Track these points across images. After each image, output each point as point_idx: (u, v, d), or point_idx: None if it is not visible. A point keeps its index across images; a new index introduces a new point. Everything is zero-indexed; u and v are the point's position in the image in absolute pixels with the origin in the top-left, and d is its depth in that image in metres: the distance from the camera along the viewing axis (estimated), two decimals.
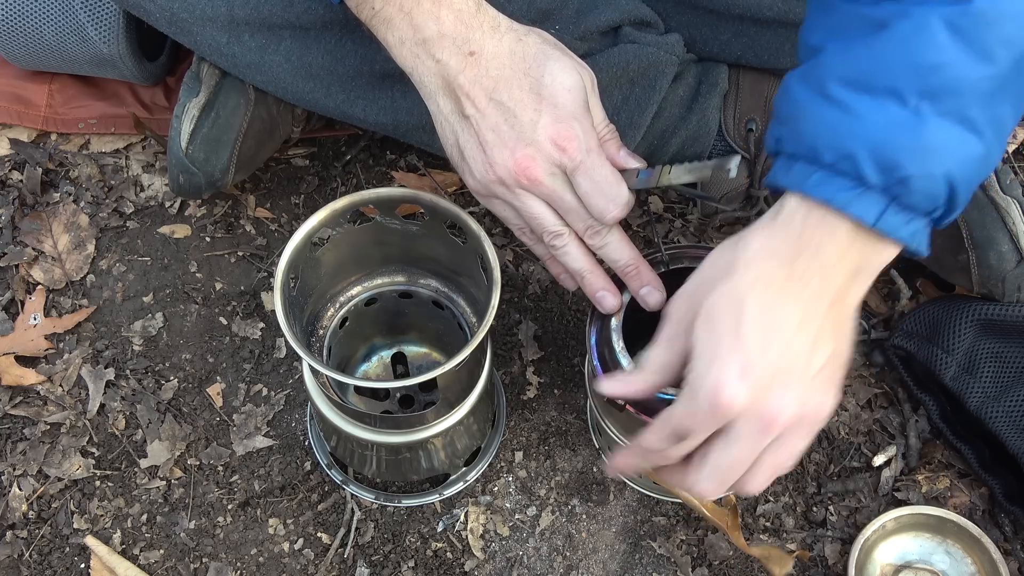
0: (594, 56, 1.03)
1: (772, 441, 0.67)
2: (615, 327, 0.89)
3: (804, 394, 0.66)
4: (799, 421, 0.67)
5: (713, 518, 0.95)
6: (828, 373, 0.68)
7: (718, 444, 0.68)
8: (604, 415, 0.95)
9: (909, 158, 0.62)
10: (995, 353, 1.00)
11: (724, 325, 0.66)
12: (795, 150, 0.66)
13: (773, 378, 0.65)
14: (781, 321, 0.66)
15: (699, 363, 0.67)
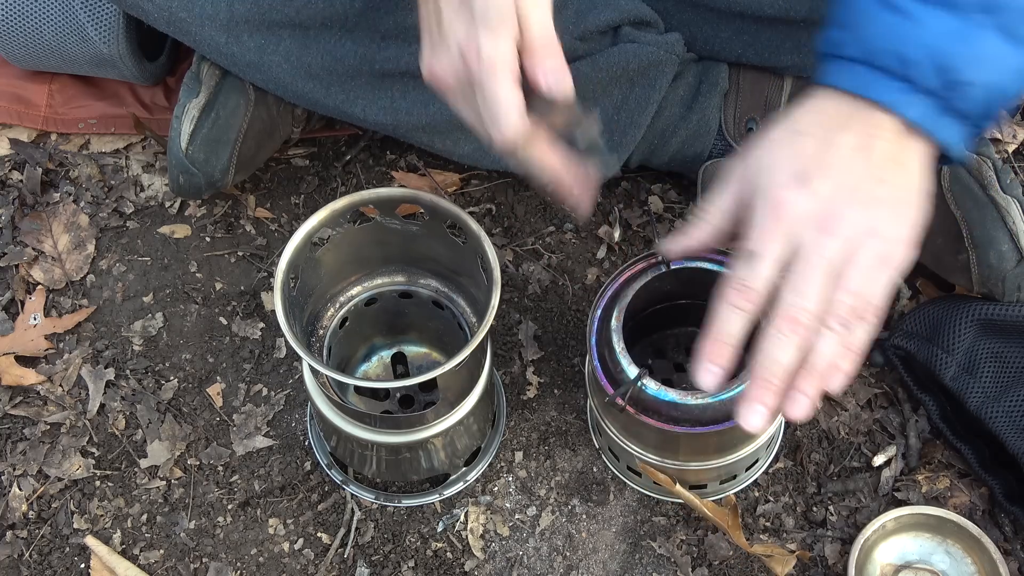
0: (594, 56, 1.04)
1: (846, 261, 0.66)
2: (615, 327, 0.89)
3: (870, 210, 0.67)
4: (868, 236, 0.67)
5: (714, 517, 0.95)
6: (900, 208, 0.68)
7: (789, 268, 0.67)
8: (604, 415, 0.96)
9: (963, 65, 0.67)
10: (995, 353, 0.99)
11: (782, 149, 0.69)
12: (855, 53, 0.69)
13: (834, 189, 0.67)
14: (839, 143, 0.68)
15: (762, 180, 0.69)
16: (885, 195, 0.68)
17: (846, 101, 0.69)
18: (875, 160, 0.68)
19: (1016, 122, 1.19)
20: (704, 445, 0.92)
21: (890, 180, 0.68)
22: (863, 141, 0.68)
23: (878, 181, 0.68)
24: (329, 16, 0.98)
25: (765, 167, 0.69)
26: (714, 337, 0.69)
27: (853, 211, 0.67)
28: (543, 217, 1.16)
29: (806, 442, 1.02)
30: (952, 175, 0.99)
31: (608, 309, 0.91)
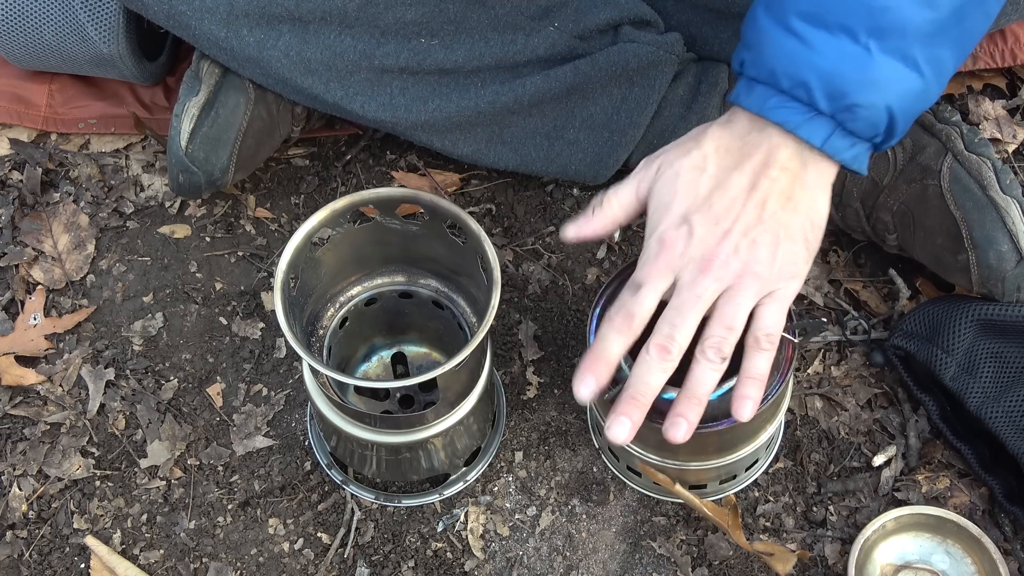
0: (594, 55, 1.04)
1: (724, 292, 0.73)
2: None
3: (749, 252, 0.72)
4: (744, 275, 0.73)
5: (713, 517, 0.95)
6: (783, 246, 0.73)
7: (670, 301, 0.74)
8: (604, 415, 0.95)
9: (855, 89, 0.70)
10: (995, 353, 0.99)
11: (681, 187, 0.74)
12: (757, 74, 0.73)
13: (716, 227, 0.73)
14: (731, 185, 0.73)
15: (654, 215, 0.75)
16: (764, 235, 0.73)
17: (751, 121, 0.74)
18: (760, 200, 0.73)
19: (1016, 122, 1.19)
20: (703, 445, 0.92)
21: (773, 219, 0.73)
22: (754, 180, 0.73)
23: (758, 222, 0.73)
24: (328, 11, 0.99)
25: (664, 204, 0.75)
26: (596, 355, 0.76)
27: (730, 254, 0.73)
28: (543, 217, 1.16)
29: (806, 442, 1.02)
30: (952, 175, 0.99)
31: (607, 309, 0.91)
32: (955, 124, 1.01)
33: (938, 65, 0.72)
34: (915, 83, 0.72)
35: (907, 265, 1.09)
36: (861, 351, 1.06)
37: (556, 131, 1.07)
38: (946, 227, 0.99)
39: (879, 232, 1.05)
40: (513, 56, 1.03)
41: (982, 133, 1.05)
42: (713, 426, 0.87)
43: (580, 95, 1.05)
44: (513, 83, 1.04)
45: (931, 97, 0.74)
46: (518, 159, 1.09)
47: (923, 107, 0.74)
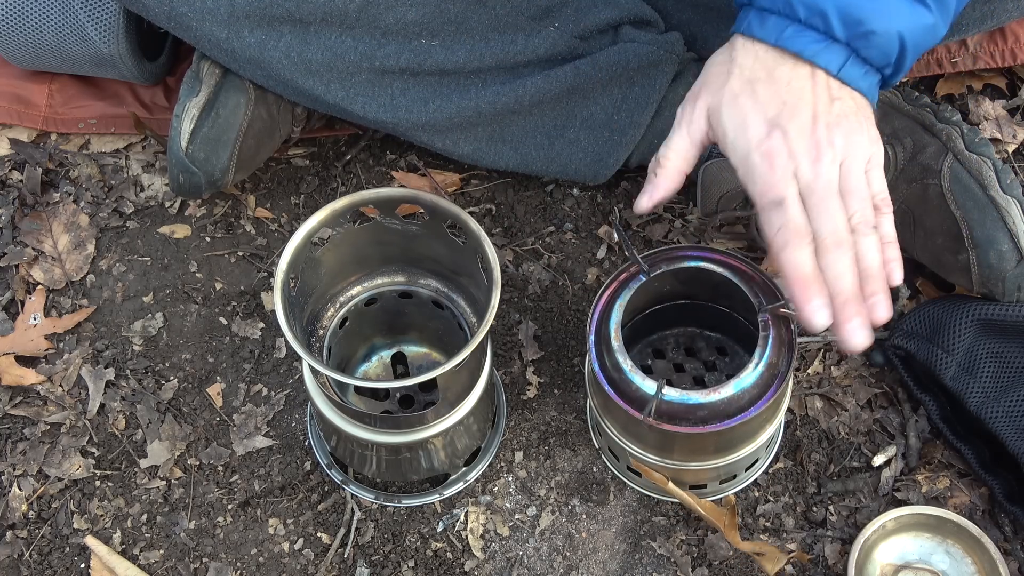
0: (594, 55, 1.04)
1: (844, 176, 0.74)
2: (614, 327, 0.89)
3: (839, 127, 0.74)
4: (848, 148, 0.74)
5: (710, 518, 0.95)
6: (860, 114, 0.75)
7: (806, 205, 0.74)
8: (604, 415, 0.96)
9: (871, 16, 0.72)
10: (995, 353, 0.99)
11: (745, 103, 0.75)
12: (771, 5, 0.74)
13: (801, 117, 0.74)
14: (785, 80, 0.75)
15: (736, 141, 0.75)
16: (843, 109, 0.75)
17: (764, 51, 0.75)
18: (824, 83, 0.75)
19: (1016, 122, 1.19)
20: (703, 445, 0.92)
21: (842, 95, 0.75)
22: (808, 71, 0.75)
23: (831, 100, 0.75)
24: (329, 11, 0.99)
25: (740, 125, 0.75)
26: (799, 281, 0.74)
27: (827, 134, 0.74)
28: (543, 217, 1.16)
29: (806, 442, 1.02)
30: (952, 175, 0.99)
31: (607, 309, 0.91)
32: (955, 124, 1.01)
33: (942, 3, 0.75)
34: (924, 16, 0.74)
35: (907, 265, 1.08)
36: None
37: (556, 131, 1.07)
38: (946, 227, 0.99)
39: None
40: (514, 56, 1.03)
41: (982, 133, 1.05)
42: (718, 425, 0.87)
43: (580, 95, 1.05)
44: (514, 83, 1.04)
45: (938, 33, 0.76)
46: (518, 159, 1.09)
47: (930, 42, 0.76)
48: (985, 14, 1.01)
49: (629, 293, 0.91)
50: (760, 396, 0.88)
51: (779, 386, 0.88)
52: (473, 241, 0.90)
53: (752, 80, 0.75)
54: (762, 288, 0.91)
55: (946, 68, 1.17)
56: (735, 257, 0.93)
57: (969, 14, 0.99)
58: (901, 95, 1.05)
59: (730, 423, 0.87)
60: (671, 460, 0.94)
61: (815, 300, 0.74)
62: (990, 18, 1.02)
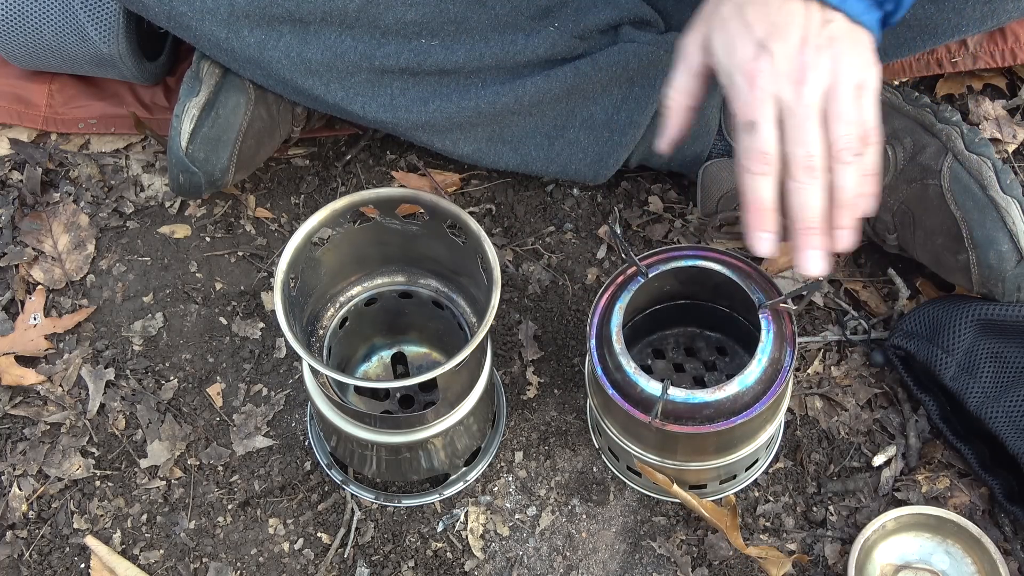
0: (594, 55, 1.04)
1: (829, 100, 0.72)
2: (615, 329, 0.89)
3: (828, 50, 0.72)
4: (836, 72, 0.73)
5: (712, 518, 0.95)
6: (853, 36, 0.74)
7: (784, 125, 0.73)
8: (604, 415, 0.96)
9: None
10: (995, 353, 0.99)
11: (734, 25, 0.74)
12: None
13: (789, 40, 0.72)
14: (782, 6, 0.73)
15: (723, 61, 0.74)
16: (835, 32, 0.73)
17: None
18: (818, 7, 0.73)
19: (1016, 122, 1.19)
20: (703, 445, 0.92)
21: (835, 19, 0.73)
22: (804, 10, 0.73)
23: (824, 23, 0.73)
24: (329, 11, 0.99)
25: (728, 44, 0.74)
26: (753, 207, 0.74)
27: (815, 57, 0.73)
28: (543, 217, 1.16)
29: (806, 442, 1.02)
30: (952, 175, 0.99)
31: (607, 311, 0.91)
32: (955, 124, 1.01)
33: None
34: None
35: (907, 265, 1.09)
36: (861, 351, 1.06)
37: (556, 131, 1.07)
38: (946, 227, 0.99)
39: (879, 232, 1.05)
40: (513, 56, 1.03)
41: (982, 133, 1.05)
42: (724, 424, 0.87)
43: (580, 95, 1.05)
44: (513, 83, 1.04)
45: None
46: (518, 159, 1.09)
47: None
48: (985, 14, 1.01)
49: (628, 295, 0.91)
50: (764, 392, 0.88)
51: (782, 382, 0.88)
52: (473, 241, 0.90)
53: (742, 4, 0.74)
54: (761, 286, 0.91)
55: (946, 68, 1.17)
56: (734, 256, 0.93)
57: (969, 14, 0.99)
58: (901, 95, 1.05)
59: (735, 421, 0.87)
60: (672, 460, 0.94)
61: (762, 230, 0.74)
62: (990, 18, 1.01)
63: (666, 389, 0.86)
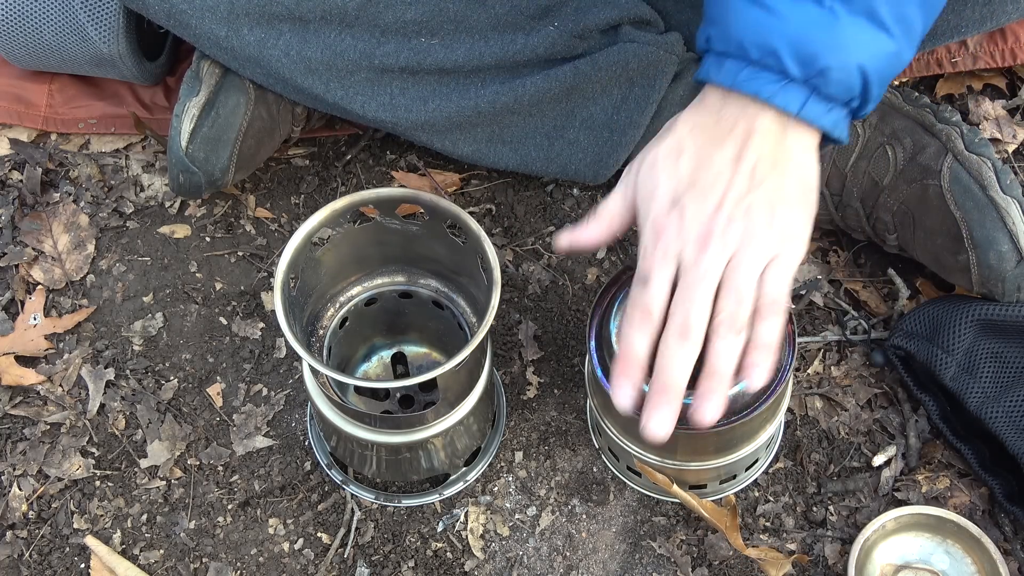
0: (594, 55, 1.04)
1: (728, 264, 0.72)
2: (615, 329, 0.89)
3: (744, 219, 0.71)
4: (745, 243, 0.72)
5: (712, 519, 0.95)
6: (777, 209, 0.72)
7: (678, 286, 0.73)
8: (604, 415, 0.95)
9: (825, 52, 0.70)
10: (995, 353, 0.99)
11: (662, 173, 0.73)
12: (725, 48, 0.73)
13: (706, 202, 0.72)
14: (713, 160, 0.72)
15: (642, 208, 0.74)
16: (759, 200, 0.72)
17: (724, 96, 0.73)
18: (748, 169, 0.72)
19: (1016, 122, 1.19)
20: (703, 445, 0.92)
21: (764, 184, 0.72)
22: (737, 152, 0.72)
23: (750, 189, 0.72)
24: (329, 10, 0.99)
25: (648, 193, 0.74)
26: (624, 360, 0.75)
27: (726, 224, 0.72)
28: (543, 217, 1.16)
29: (806, 442, 1.02)
30: (952, 175, 0.99)
31: (607, 311, 0.91)
32: (955, 124, 1.01)
33: (906, 24, 0.72)
34: (885, 43, 0.71)
35: (907, 265, 1.09)
36: (861, 351, 1.06)
37: (556, 131, 1.07)
38: (946, 227, 0.99)
39: (879, 232, 1.05)
40: (513, 56, 1.03)
41: (982, 133, 1.05)
42: (723, 424, 0.87)
43: (580, 95, 1.05)
44: (513, 83, 1.04)
45: (904, 59, 0.73)
46: (518, 159, 1.09)
47: (897, 69, 0.73)
48: (985, 16, 1.01)
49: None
50: (764, 392, 0.88)
51: (782, 382, 0.88)
52: (473, 241, 0.90)
53: (680, 152, 0.74)
54: None
55: (946, 68, 1.17)
56: None
57: (969, 15, 0.99)
58: (901, 95, 1.05)
59: (735, 421, 0.87)
60: (672, 460, 0.94)
61: (625, 383, 0.75)
62: (990, 20, 1.02)
63: None
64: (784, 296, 0.73)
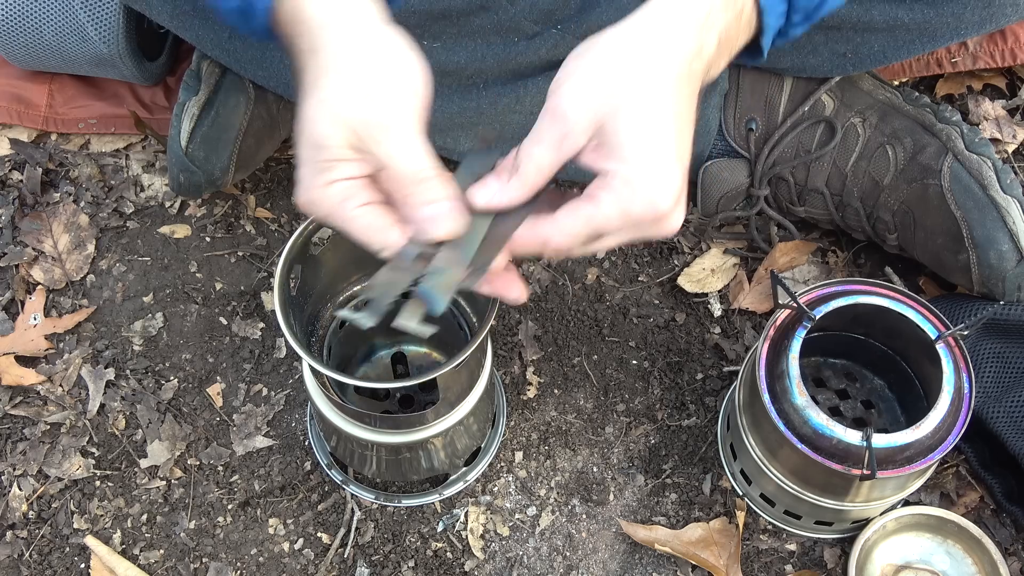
0: None
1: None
2: (795, 381, 0.86)
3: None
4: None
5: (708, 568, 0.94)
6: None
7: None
8: (751, 432, 0.92)
9: None
10: (996, 353, 0.99)
11: (662, 137, 0.64)
12: None
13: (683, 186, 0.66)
14: (687, 129, 0.66)
15: (639, 172, 0.64)
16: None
17: None
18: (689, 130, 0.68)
19: (1016, 122, 1.19)
20: (885, 484, 0.89)
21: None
22: (690, 105, 0.67)
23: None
24: None
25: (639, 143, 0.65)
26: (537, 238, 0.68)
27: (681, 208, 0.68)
28: None
29: None
30: (952, 175, 0.99)
31: (774, 361, 0.88)
32: (955, 124, 1.01)
33: None
34: None
35: (907, 265, 1.09)
36: None
37: None
38: (946, 227, 0.99)
39: (879, 232, 1.05)
40: (515, 58, 1.03)
41: (982, 133, 1.05)
42: (920, 463, 0.85)
43: None
44: (515, 84, 1.03)
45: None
46: None
47: (833, 7, 0.73)
48: (984, 18, 1.01)
49: (798, 342, 0.88)
50: (954, 424, 0.86)
51: (969, 408, 0.86)
52: None
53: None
54: (927, 315, 0.89)
55: (946, 68, 1.17)
56: (886, 287, 0.91)
57: (968, 19, 0.99)
58: (901, 95, 1.05)
59: (933, 457, 0.85)
60: (842, 502, 0.92)
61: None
62: (989, 22, 1.01)
63: (869, 437, 0.83)
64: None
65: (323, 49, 0.65)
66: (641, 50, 0.67)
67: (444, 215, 0.64)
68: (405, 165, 0.64)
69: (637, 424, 1.04)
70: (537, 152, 0.65)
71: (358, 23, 0.66)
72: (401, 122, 0.64)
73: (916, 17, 0.97)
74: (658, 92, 0.65)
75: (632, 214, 0.64)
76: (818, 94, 1.05)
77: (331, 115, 0.64)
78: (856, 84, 1.06)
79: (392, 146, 0.64)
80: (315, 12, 0.66)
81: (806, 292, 0.91)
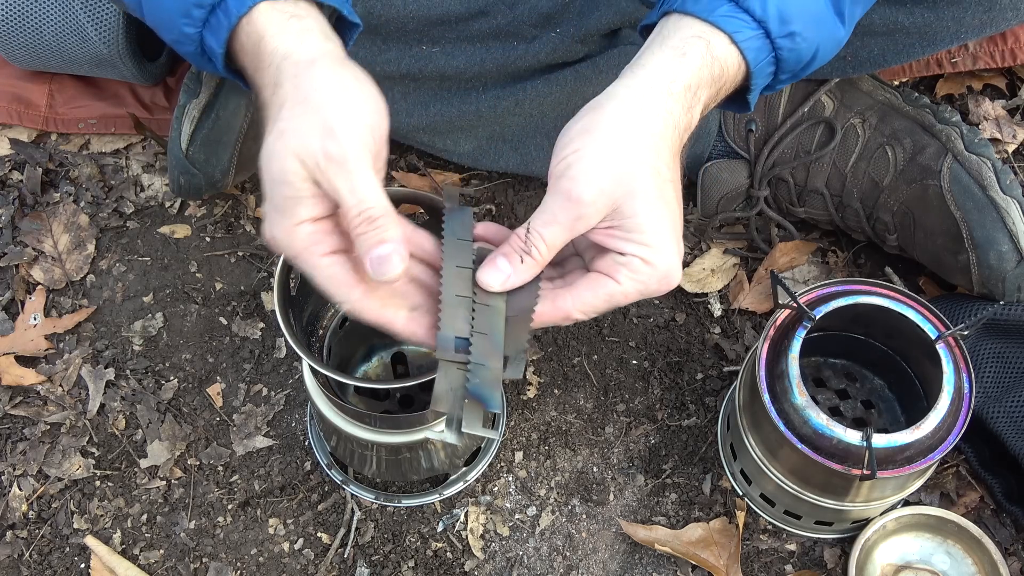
0: (594, 58, 1.04)
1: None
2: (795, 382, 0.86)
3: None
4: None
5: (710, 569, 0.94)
6: None
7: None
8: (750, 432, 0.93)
9: (797, 17, 0.70)
10: (996, 353, 0.99)
11: (672, 217, 0.68)
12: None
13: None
14: (680, 199, 0.70)
15: (657, 255, 0.67)
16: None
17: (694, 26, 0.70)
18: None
19: (1016, 122, 1.19)
20: (884, 484, 0.89)
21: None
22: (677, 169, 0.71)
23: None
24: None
25: (654, 218, 0.68)
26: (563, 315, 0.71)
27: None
28: None
29: None
30: (952, 176, 0.99)
31: (774, 362, 0.88)
32: (955, 124, 1.01)
33: (853, 20, 0.75)
34: (840, 32, 0.73)
35: (907, 265, 1.09)
36: None
37: (558, 131, 1.07)
38: (946, 227, 0.99)
39: (879, 232, 1.05)
40: (514, 61, 1.03)
41: (982, 133, 1.05)
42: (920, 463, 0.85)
43: (581, 98, 1.05)
44: (514, 87, 1.04)
45: (841, 42, 0.75)
46: (519, 158, 1.09)
47: (835, 51, 0.74)
48: (984, 22, 1.01)
49: (798, 342, 0.88)
50: (954, 424, 0.86)
51: (968, 408, 0.86)
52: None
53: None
54: (926, 315, 0.89)
55: (946, 68, 1.17)
56: (886, 287, 0.91)
57: (969, 22, 0.99)
58: (901, 95, 1.05)
59: (933, 457, 0.85)
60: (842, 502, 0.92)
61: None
62: (989, 26, 1.01)
63: (869, 437, 0.83)
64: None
65: (284, 84, 0.67)
66: (643, 131, 0.69)
67: (392, 257, 0.65)
68: (356, 203, 0.65)
69: (637, 424, 1.04)
70: (550, 234, 0.68)
71: (316, 59, 0.67)
72: (354, 158, 0.65)
73: (916, 21, 0.97)
74: (663, 173, 0.68)
75: (649, 290, 0.69)
76: (818, 95, 1.05)
77: (289, 148, 0.65)
78: (856, 85, 1.06)
79: (344, 182, 0.65)
80: (277, 47, 0.67)
81: (806, 292, 0.91)
